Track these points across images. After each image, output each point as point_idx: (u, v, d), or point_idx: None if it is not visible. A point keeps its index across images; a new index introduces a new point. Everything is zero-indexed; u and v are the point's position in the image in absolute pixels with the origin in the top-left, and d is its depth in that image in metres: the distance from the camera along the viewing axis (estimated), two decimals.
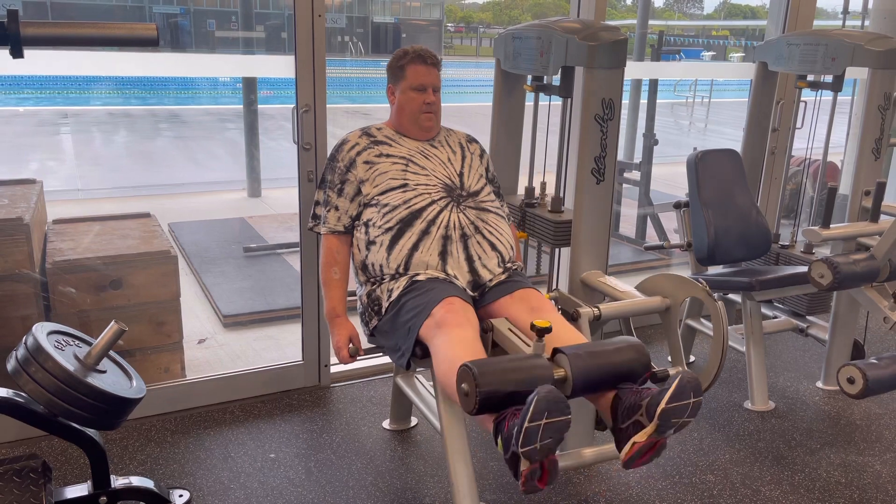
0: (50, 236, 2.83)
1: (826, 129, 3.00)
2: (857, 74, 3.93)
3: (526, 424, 1.46)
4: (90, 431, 1.95)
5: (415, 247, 2.11)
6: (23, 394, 1.83)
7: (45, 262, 2.62)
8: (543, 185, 2.56)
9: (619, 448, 1.65)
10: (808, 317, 3.04)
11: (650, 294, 2.20)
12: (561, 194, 2.47)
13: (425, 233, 2.12)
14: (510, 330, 1.94)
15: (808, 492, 2.30)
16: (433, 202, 2.15)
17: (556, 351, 1.72)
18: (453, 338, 1.87)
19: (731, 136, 9.65)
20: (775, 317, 3.10)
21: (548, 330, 1.68)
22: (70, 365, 1.79)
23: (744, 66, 3.94)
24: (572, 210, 2.33)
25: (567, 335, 1.92)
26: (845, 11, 5.80)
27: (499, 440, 1.61)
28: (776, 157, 3.45)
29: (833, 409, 2.84)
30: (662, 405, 1.54)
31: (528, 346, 1.82)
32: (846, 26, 5.74)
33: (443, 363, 1.87)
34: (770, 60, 3.04)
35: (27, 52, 1.27)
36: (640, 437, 1.59)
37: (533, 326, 1.69)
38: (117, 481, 2.04)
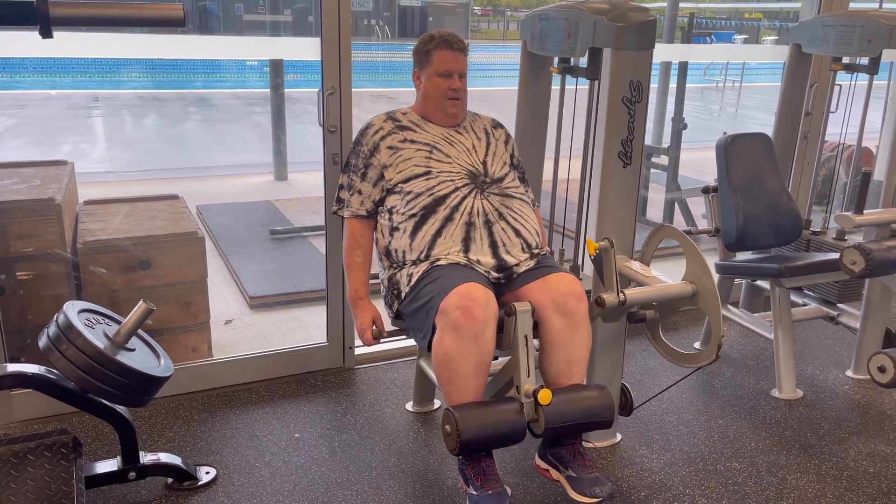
0: (81, 217, 2.87)
1: (861, 113, 2.92)
2: (893, 57, 3.82)
3: None
4: (119, 408, 1.99)
5: (438, 233, 2.10)
6: (54, 370, 1.87)
7: (76, 242, 2.67)
8: (563, 251, 2.54)
9: (540, 456, 2.05)
10: (838, 304, 2.99)
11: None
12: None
13: (448, 219, 2.11)
14: (525, 338, 1.95)
15: (835, 481, 2.27)
16: (457, 189, 2.15)
17: (537, 402, 1.90)
18: (462, 350, 1.89)
19: (762, 121, 9.48)
20: (805, 304, 3.06)
21: (546, 403, 1.88)
22: (100, 342, 1.82)
23: (776, 48, 3.86)
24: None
25: (574, 348, 2.02)
26: None
27: (461, 480, 1.96)
28: (809, 141, 3.38)
29: (863, 398, 2.79)
30: (576, 498, 1.89)
31: (528, 371, 1.95)
32: (884, 7, 5.58)
33: (443, 369, 1.92)
34: (804, 42, 2.97)
35: (59, 34, 1.29)
36: (554, 476, 2.00)
37: (535, 395, 1.88)
38: (146, 457, 2.08)
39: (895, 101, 4.37)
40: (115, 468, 2.04)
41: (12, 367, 1.91)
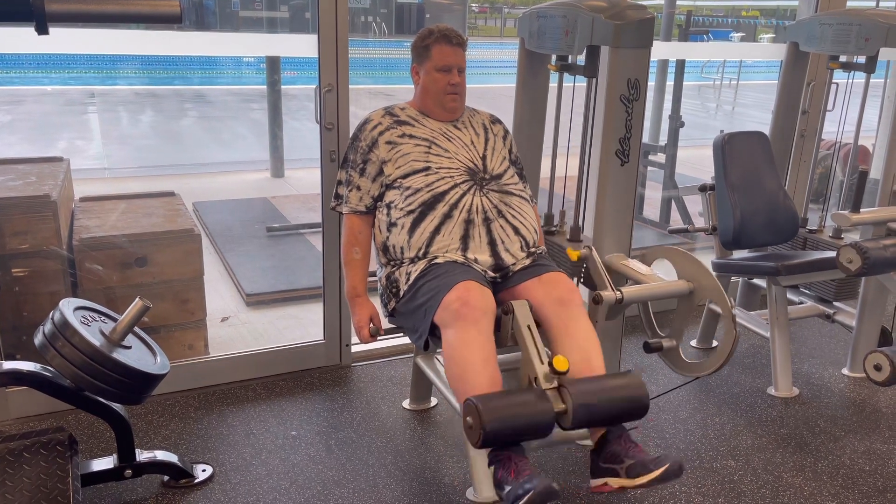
0: (77, 214, 2.87)
1: (858, 112, 2.93)
2: (890, 56, 3.83)
3: None
4: (116, 406, 1.98)
5: (436, 230, 2.10)
6: (50, 368, 1.86)
7: (72, 238, 2.66)
8: (563, 213, 2.54)
9: (593, 475, 1.85)
10: (834, 303, 2.99)
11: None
12: (580, 222, 2.42)
13: (447, 216, 2.10)
14: (528, 328, 1.92)
15: (830, 479, 2.28)
16: (456, 185, 2.14)
17: (560, 385, 1.81)
18: (466, 338, 1.88)
19: (759, 120, 9.48)
20: (801, 302, 3.06)
21: (565, 372, 1.80)
22: (96, 340, 1.82)
23: (773, 46, 3.87)
24: (591, 238, 2.32)
25: (583, 338, 1.97)
26: None
27: (491, 472, 1.79)
28: (806, 139, 3.38)
29: (858, 396, 2.80)
30: (642, 481, 1.71)
31: (540, 357, 1.87)
32: (880, 6, 5.58)
33: (453, 366, 1.89)
34: (802, 40, 2.97)
35: (55, 30, 1.28)
36: (613, 484, 1.78)
37: (552, 367, 1.80)
38: (142, 455, 2.08)
39: (892, 99, 4.37)
40: (112, 466, 2.03)
41: (8, 365, 1.90)
